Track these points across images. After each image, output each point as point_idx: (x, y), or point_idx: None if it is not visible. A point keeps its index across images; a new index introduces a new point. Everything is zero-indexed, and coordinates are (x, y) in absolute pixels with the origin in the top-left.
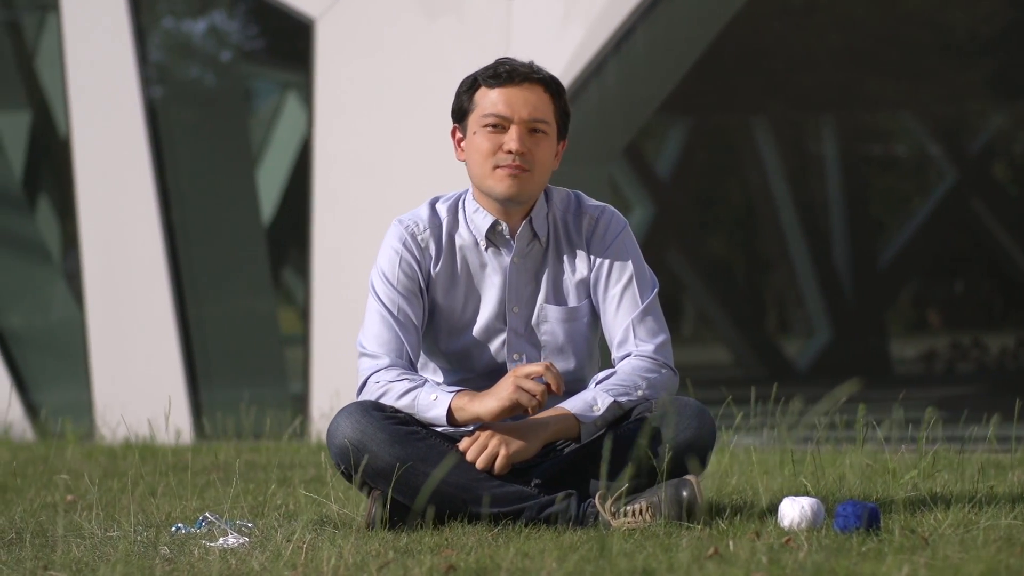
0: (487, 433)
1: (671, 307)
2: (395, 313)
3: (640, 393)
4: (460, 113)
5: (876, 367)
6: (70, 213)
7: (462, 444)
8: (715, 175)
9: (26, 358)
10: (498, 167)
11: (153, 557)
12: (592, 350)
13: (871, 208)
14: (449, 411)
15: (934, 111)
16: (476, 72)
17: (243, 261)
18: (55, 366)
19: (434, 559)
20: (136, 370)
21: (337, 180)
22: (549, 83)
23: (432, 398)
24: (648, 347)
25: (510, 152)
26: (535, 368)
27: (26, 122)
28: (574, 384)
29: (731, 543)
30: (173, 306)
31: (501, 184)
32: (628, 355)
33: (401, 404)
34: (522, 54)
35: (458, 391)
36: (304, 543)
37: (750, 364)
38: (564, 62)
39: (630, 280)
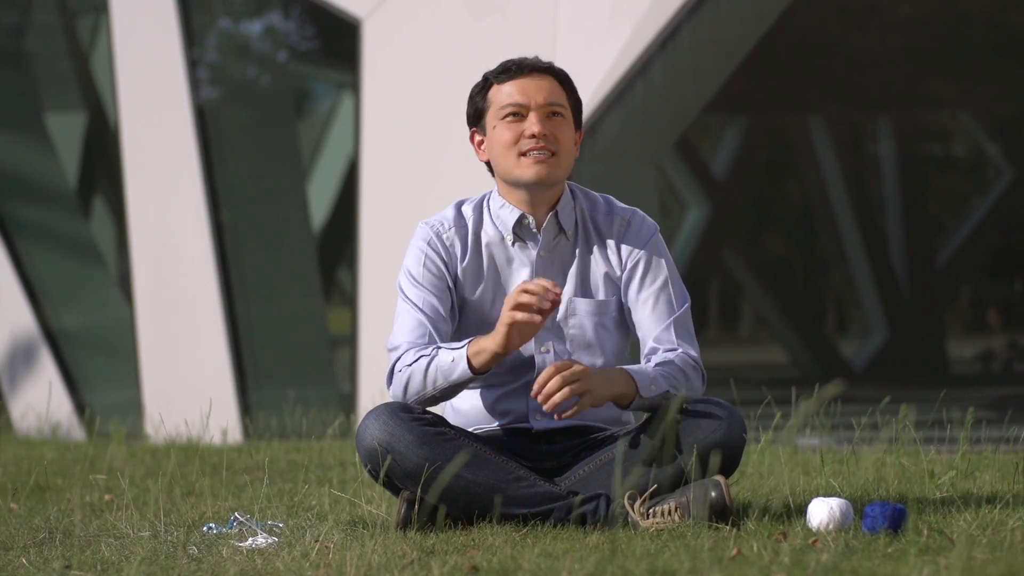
0: (551, 369)
1: (727, 307)
2: (421, 307)
3: (682, 392)
4: (476, 115)
5: (933, 367)
6: (124, 214)
7: (534, 390)
8: (771, 175)
9: (77, 358)
10: (523, 154)
11: (180, 556)
12: (621, 349)
13: (928, 207)
14: (468, 362)
15: (992, 110)
16: (486, 73)
17: (292, 261)
18: (106, 366)
19: (458, 559)
20: (184, 370)
21: (385, 180)
22: (559, 74)
23: (450, 360)
24: (693, 352)
25: (533, 136)
26: (527, 285)
27: (81, 123)
28: None
29: (755, 544)
30: (222, 306)
31: (529, 171)
32: (674, 350)
33: (429, 384)
34: (568, 53)
35: (469, 342)
36: (332, 543)
37: (806, 364)
38: (610, 61)
39: (665, 283)
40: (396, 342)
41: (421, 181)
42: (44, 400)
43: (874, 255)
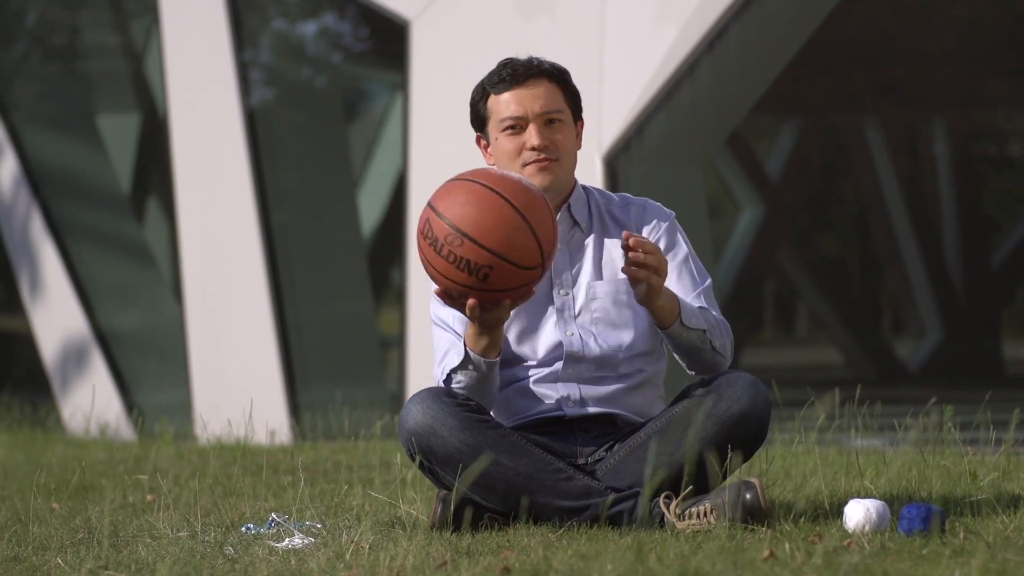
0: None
1: (782, 308)
2: (452, 324)
3: (717, 344)
4: (479, 122)
5: (988, 368)
6: (175, 215)
7: None
8: (826, 175)
9: (128, 360)
10: (526, 164)
11: (216, 557)
12: (650, 327)
13: (984, 208)
14: (466, 351)
15: None
16: (482, 80)
17: (342, 263)
18: (157, 368)
19: (491, 560)
20: (234, 371)
21: (433, 181)
22: (552, 73)
23: (459, 361)
24: (722, 318)
25: (533, 148)
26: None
27: (135, 124)
28: (632, 361)
29: (787, 545)
30: (271, 308)
31: (534, 179)
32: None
33: (460, 390)
34: (615, 54)
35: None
36: (367, 544)
37: (861, 365)
38: (657, 62)
39: (687, 258)
40: (435, 372)
41: None
42: (95, 400)
43: (929, 255)
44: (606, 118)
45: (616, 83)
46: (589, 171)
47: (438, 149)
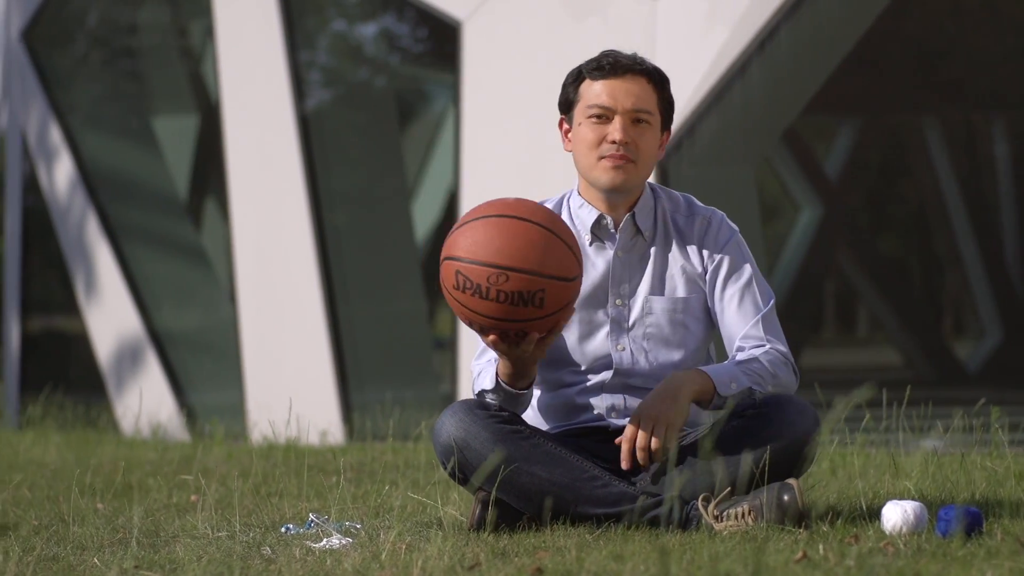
0: (631, 429)
1: (843, 308)
2: None
3: (770, 388)
4: (566, 104)
5: None
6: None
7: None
8: (885, 175)
9: (183, 360)
10: (603, 157)
11: (254, 557)
12: (702, 345)
13: None
14: (497, 379)
15: None
16: (581, 64)
17: (395, 263)
18: (211, 368)
19: (525, 561)
20: (287, 372)
21: (484, 181)
22: (652, 74)
23: (490, 387)
24: (782, 348)
25: (614, 142)
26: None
27: (193, 127)
28: None
29: (821, 546)
30: (324, 308)
31: (606, 175)
32: (761, 347)
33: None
34: (666, 55)
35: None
36: (404, 544)
37: (920, 366)
38: (708, 63)
39: (749, 281)
40: (472, 365)
41: (521, 181)
42: (149, 401)
43: (989, 256)
44: None
45: None
46: None
47: (489, 148)
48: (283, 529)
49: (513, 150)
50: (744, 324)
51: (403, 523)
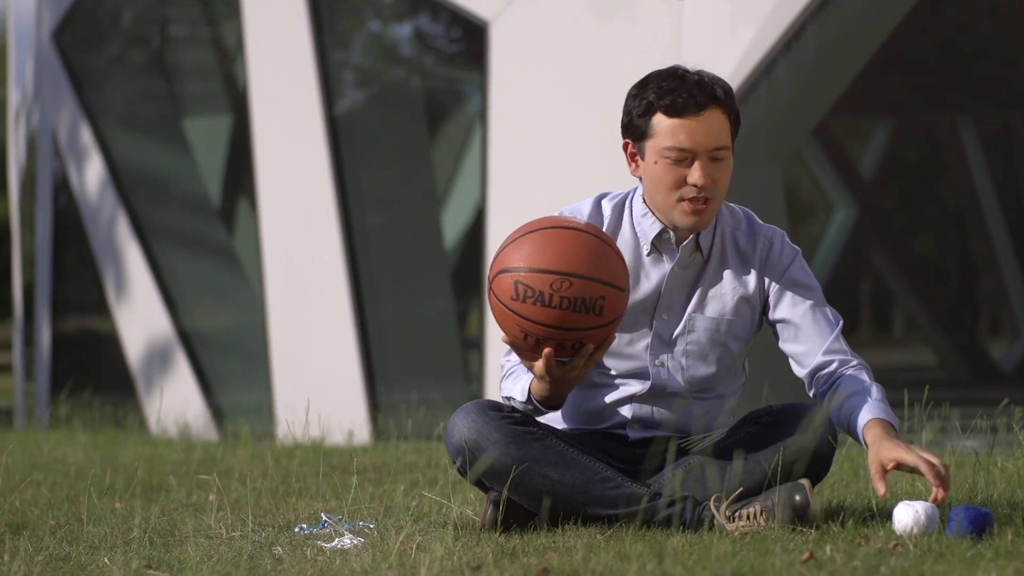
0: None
1: (879, 308)
2: None
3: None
4: (635, 133)
5: None
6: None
7: None
8: (920, 176)
9: (212, 360)
10: (682, 200)
11: (264, 557)
12: (736, 362)
13: None
14: (530, 394)
15: None
16: (650, 91)
17: (424, 263)
18: (241, 368)
19: (532, 561)
20: (315, 372)
21: (511, 181)
22: (725, 102)
23: (520, 400)
24: (863, 360)
25: (696, 185)
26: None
27: (226, 127)
28: (702, 394)
29: (828, 547)
30: (352, 308)
31: (686, 219)
32: (849, 363)
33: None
34: (692, 54)
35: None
36: (414, 545)
37: (955, 366)
38: (734, 63)
39: (820, 300)
40: (501, 360)
41: (547, 181)
42: (178, 401)
43: None
44: None
45: None
46: None
47: (517, 148)
48: (297, 529)
49: (540, 149)
50: (823, 339)
51: (417, 523)
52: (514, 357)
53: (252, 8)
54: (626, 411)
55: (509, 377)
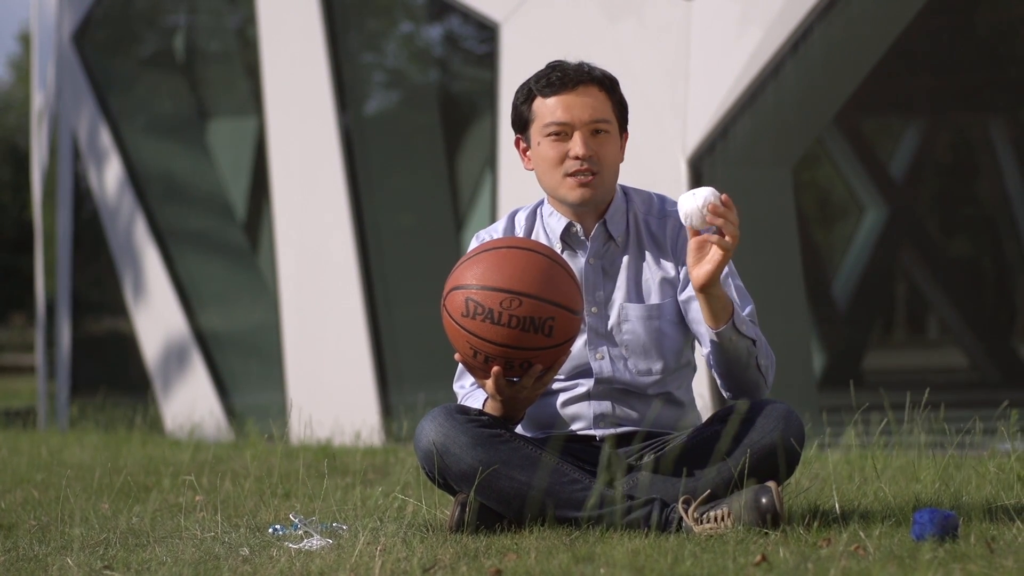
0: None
1: (914, 309)
2: None
3: (762, 363)
4: (521, 124)
5: None
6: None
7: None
8: (951, 177)
9: (228, 361)
10: (568, 175)
11: (231, 557)
12: (680, 352)
13: None
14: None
15: None
16: (529, 81)
17: (437, 265)
18: (256, 370)
19: (489, 563)
20: (328, 373)
21: (520, 183)
22: (603, 81)
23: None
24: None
25: (577, 158)
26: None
27: (252, 129)
28: (663, 383)
29: (782, 550)
30: (365, 310)
31: (573, 192)
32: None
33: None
34: (701, 55)
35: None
36: (380, 546)
37: (986, 368)
38: (742, 64)
39: (734, 274)
40: (455, 386)
41: None
42: (193, 402)
43: None
44: (691, 120)
45: (701, 85)
46: (674, 173)
47: None
48: (270, 530)
49: None
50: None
51: (390, 524)
52: (467, 381)
53: (266, 11)
54: (587, 409)
55: (468, 400)
